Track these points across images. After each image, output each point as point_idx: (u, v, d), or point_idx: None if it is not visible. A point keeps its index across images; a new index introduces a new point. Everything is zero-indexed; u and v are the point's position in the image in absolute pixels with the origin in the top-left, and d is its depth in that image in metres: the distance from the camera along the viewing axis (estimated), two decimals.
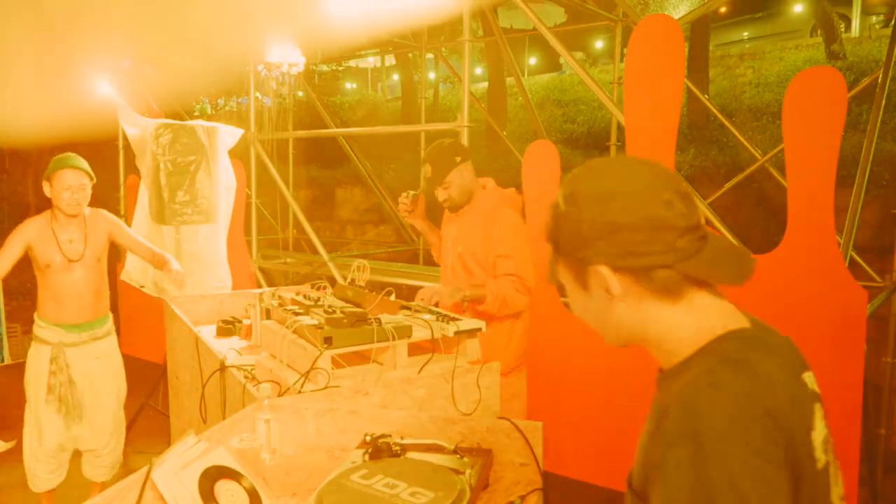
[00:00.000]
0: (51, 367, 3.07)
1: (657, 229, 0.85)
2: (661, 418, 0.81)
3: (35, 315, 3.16)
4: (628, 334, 0.93)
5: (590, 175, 0.91)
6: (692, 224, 0.87)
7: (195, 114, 14.64)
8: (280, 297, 2.62)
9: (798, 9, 13.18)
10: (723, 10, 11.77)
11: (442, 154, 2.71)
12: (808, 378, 0.90)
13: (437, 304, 2.48)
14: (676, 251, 0.85)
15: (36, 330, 3.14)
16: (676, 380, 0.85)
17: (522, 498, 1.40)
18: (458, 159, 2.69)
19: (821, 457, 0.85)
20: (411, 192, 2.86)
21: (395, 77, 17.49)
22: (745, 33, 13.95)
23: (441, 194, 2.73)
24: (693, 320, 0.88)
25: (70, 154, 3.12)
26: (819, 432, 0.86)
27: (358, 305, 2.29)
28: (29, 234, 3.05)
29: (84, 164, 3.09)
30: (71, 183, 3.02)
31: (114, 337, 3.32)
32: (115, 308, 4.54)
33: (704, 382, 0.79)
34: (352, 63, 17.51)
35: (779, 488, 0.75)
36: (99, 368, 3.21)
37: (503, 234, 2.64)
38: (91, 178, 3.10)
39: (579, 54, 15.13)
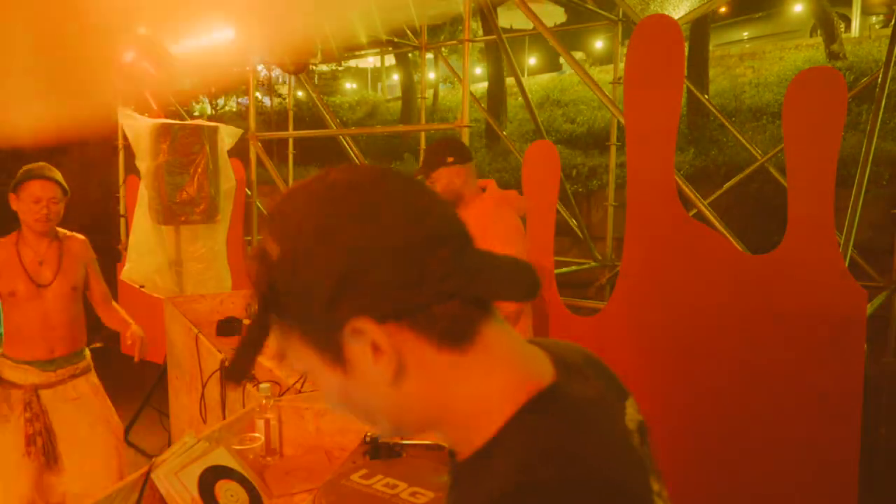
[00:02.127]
0: (26, 415, 2.61)
1: (429, 246, 0.60)
2: None
3: (0, 353, 2.72)
4: (418, 421, 0.66)
5: (301, 205, 0.63)
6: (463, 230, 0.64)
7: (195, 114, 14.65)
8: None
9: (798, 9, 13.18)
10: (723, 10, 11.78)
11: (435, 150, 2.67)
12: (629, 415, 0.71)
13: None
14: (459, 271, 0.60)
15: (2, 371, 2.68)
16: (476, 476, 0.61)
17: None
18: (451, 160, 2.62)
19: (658, 495, 0.67)
20: None
21: (395, 77, 17.49)
22: (745, 33, 13.95)
23: None
24: (494, 378, 0.63)
25: (41, 164, 2.73)
26: (653, 471, 0.68)
27: None
28: None
29: (57, 174, 2.71)
30: (40, 194, 2.62)
31: (93, 375, 2.87)
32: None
33: (528, 493, 0.56)
34: (352, 63, 17.52)
35: None
36: (79, 410, 2.73)
37: (499, 235, 2.55)
38: (65, 192, 2.71)
39: (579, 54, 15.13)
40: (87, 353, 2.87)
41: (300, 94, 12.21)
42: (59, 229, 2.80)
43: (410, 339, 0.61)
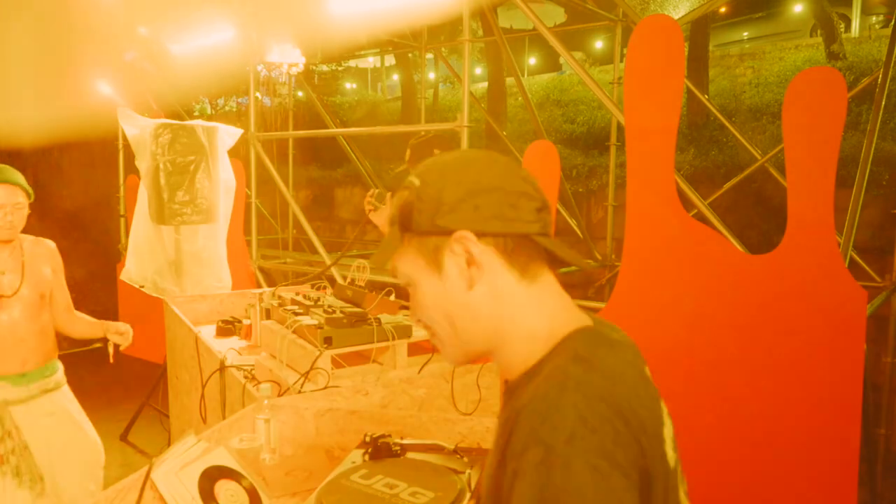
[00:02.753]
0: None
1: (522, 195, 0.82)
2: (512, 426, 0.75)
3: None
4: (481, 334, 0.85)
5: (441, 157, 0.88)
6: (547, 203, 0.85)
7: (195, 114, 14.65)
8: (280, 297, 2.62)
9: (798, 9, 13.18)
10: (723, 10, 11.77)
11: (423, 144, 2.69)
12: (649, 374, 0.87)
13: None
14: (539, 222, 0.83)
15: None
16: (526, 387, 0.78)
17: None
18: (437, 152, 2.66)
19: (671, 454, 0.80)
20: (376, 190, 2.81)
21: (395, 77, 17.49)
22: (745, 33, 13.95)
23: None
24: (546, 316, 0.83)
25: (3, 166, 2.59)
26: (668, 428, 0.82)
27: (358, 305, 2.29)
28: None
29: (20, 178, 2.58)
30: (3, 201, 2.48)
31: (67, 388, 2.76)
32: (114, 309, 4.54)
33: (554, 384, 0.74)
34: (352, 63, 17.51)
35: (623, 496, 0.68)
36: (55, 426, 2.62)
37: None
38: (28, 196, 2.58)
39: (579, 54, 15.13)
40: (60, 365, 2.76)
41: (300, 94, 12.21)
42: (23, 234, 2.67)
43: (494, 258, 0.82)
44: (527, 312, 0.83)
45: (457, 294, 0.83)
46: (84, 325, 2.80)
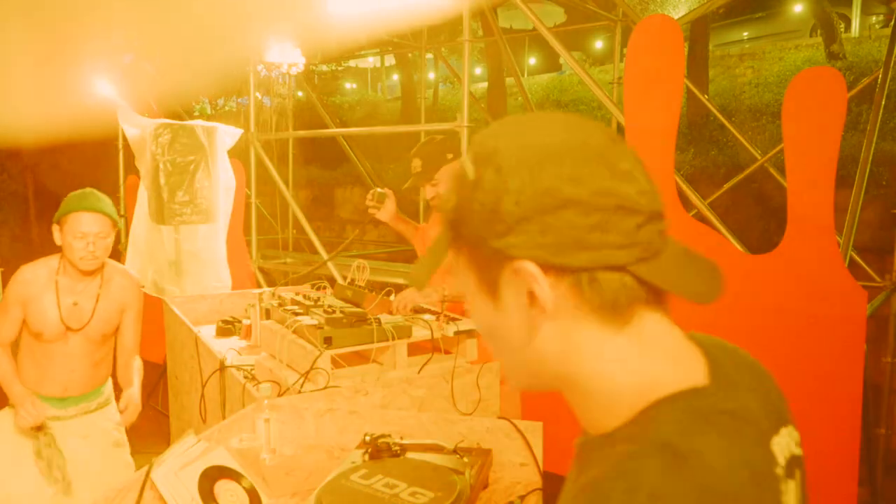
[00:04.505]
0: (34, 432, 2.41)
1: (616, 210, 0.57)
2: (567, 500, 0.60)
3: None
4: (549, 377, 0.64)
5: (513, 129, 0.62)
6: (656, 209, 0.60)
7: (195, 114, 14.64)
8: (280, 297, 2.62)
9: (798, 9, 13.18)
10: (722, 10, 11.77)
11: (433, 149, 2.63)
12: (780, 443, 0.64)
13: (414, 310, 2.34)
14: (637, 246, 0.58)
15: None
16: (596, 456, 0.60)
17: (522, 498, 1.40)
18: (450, 156, 2.60)
19: None
20: (378, 190, 2.78)
21: (395, 77, 17.49)
22: (745, 33, 13.95)
23: (429, 192, 2.63)
24: (641, 363, 0.61)
25: (89, 191, 2.41)
26: None
27: (358, 305, 2.29)
28: (27, 290, 2.37)
29: (106, 205, 2.39)
30: (87, 230, 2.30)
31: (112, 407, 2.60)
32: None
33: (622, 485, 0.54)
34: (352, 63, 17.51)
35: None
36: (88, 448, 2.50)
37: None
38: (115, 225, 2.39)
39: (579, 54, 15.14)
40: (107, 389, 2.62)
41: (300, 94, 12.21)
42: (107, 261, 2.50)
43: (566, 297, 0.59)
44: (607, 367, 0.61)
45: (517, 330, 0.62)
46: (126, 376, 2.56)
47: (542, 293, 0.59)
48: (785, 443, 0.64)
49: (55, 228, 2.36)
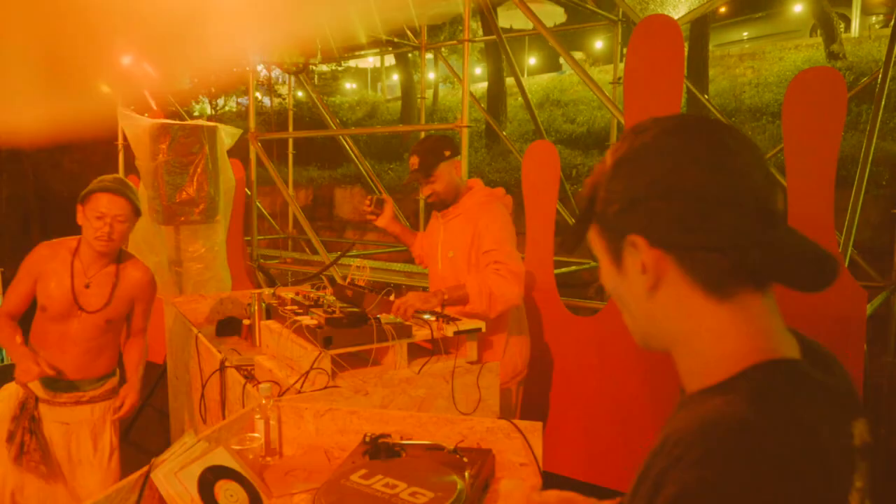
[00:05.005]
0: (14, 413, 2.39)
1: (721, 204, 0.67)
2: (675, 448, 0.66)
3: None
4: (660, 335, 0.76)
5: (644, 131, 0.74)
6: (766, 205, 0.69)
7: (195, 114, 14.65)
8: (280, 297, 2.62)
9: (798, 9, 13.19)
10: (723, 10, 11.77)
11: (431, 147, 2.62)
12: (859, 429, 0.71)
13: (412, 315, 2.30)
14: (739, 234, 0.67)
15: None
16: (700, 408, 0.68)
17: None
18: (448, 154, 2.59)
19: None
20: (375, 196, 2.77)
21: (395, 77, 17.49)
22: (745, 33, 13.96)
23: (426, 189, 2.62)
24: (740, 333, 0.70)
25: (118, 177, 2.46)
26: (859, 490, 0.69)
27: (358, 305, 2.29)
28: (42, 265, 2.40)
29: (130, 192, 2.41)
30: (105, 210, 2.33)
31: (106, 405, 2.53)
32: None
33: (729, 426, 0.63)
34: (352, 63, 17.52)
35: None
36: (66, 437, 2.45)
37: (489, 230, 2.54)
38: (136, 212, 2.42)
39: (579, 54, 15.13)
40: (109, 381, 2.56)
41: (300, 94, 12.21)
42: (125, 250, 2.54)
43: (672, 270, 0.71)
44: (711, 333, 0.71)
45: (634, 293, 0.75)
46: (132, 362, 2.60)
47: (648, 263, 0.71)
48: (860, 430, 0.71)
49: (79, 208, 2.39)
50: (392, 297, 2.30)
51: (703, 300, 0.71)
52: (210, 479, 1.38)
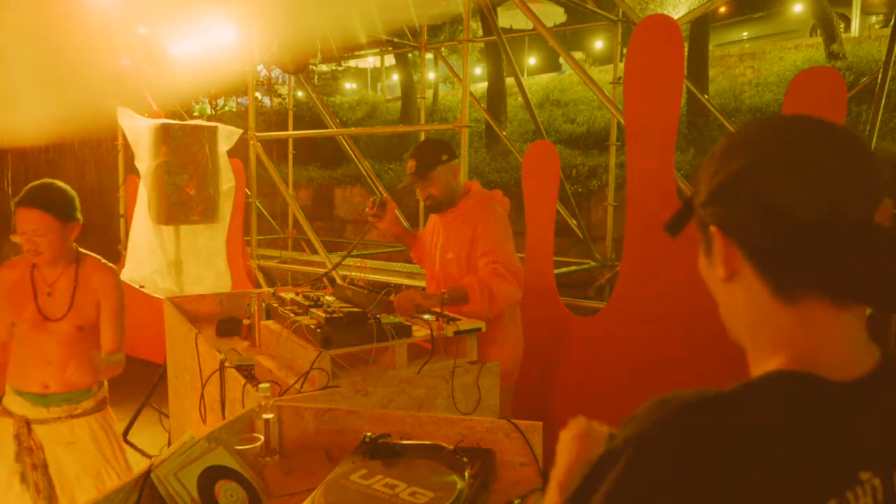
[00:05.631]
0: (14, 447, 2.36)
1: (788, 208, 0.66)
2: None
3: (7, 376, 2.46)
4: (734, 327, 0.77)
5: (743, 127, 0.75)
6: (850, 217, 0.65)
7: (195, 114, 14.65)
8: (280, 297, 2.62)
9: (798, 9, 13.19)
10: (722, 10, 11.78)
11: (428, 150, 2.65)
12: (867, 485, 0.64)
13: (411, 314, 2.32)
14: (802, 242, 0.66)
15: (5, 398, 2.45)
16: None
17: (522, 498, 1.40)
18: (445, 157, 2.62)
19: None
20: (377, 198, 2.79)
21: (395, 77, 17.50)
22: (745, 33, 13.95)
23: (423, 192, 2.66)
24: (794, 340, 0.69)
25: (39, 184, 2.31)
26: None
27: (358, 305, 2.29)
28: (6, 284, 2.38)
29: (50, 199, 2.29)
30: (21, 227, 2.26)
31: (102, 416, 2.50)
32: None
33: (675, 400, 0.64)
34: (352, 63, 17.51)
35: None
36: (74, 455, 2.42)
37: (487, 229, 2.56)
38: (62, 218, 2.30)
39: (579, 54, 15.14)
40: (95, 393, 2.49)
41: (300, 94, 12.21)
42: (82, 251, 2.46)
43: (744, 265, 0.72)
44: (770, 335, 0.71)
45: (717, 283, 0.76)
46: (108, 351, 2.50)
47: (720, 252, 0.73)
48: (871, 487, 0.64)
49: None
50: (392, 297, 2.31)
51: (770, 299, 0.70)
52: (210, 478, 1.38)
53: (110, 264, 2.49)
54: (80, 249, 2.47)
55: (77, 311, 2.38)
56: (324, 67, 15.33)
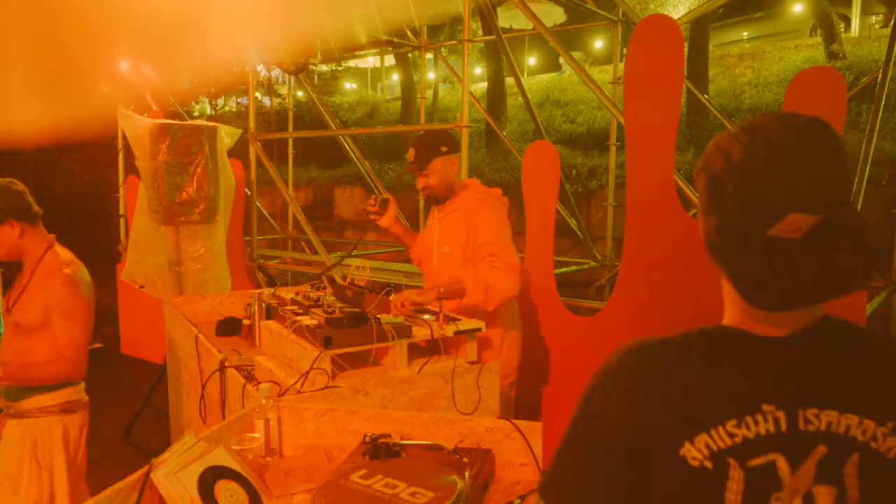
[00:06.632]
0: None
1: (721, 194, 0.80)
2: None
3: None
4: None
5: (761, 123, 0.81)
6: (772, 210, 0.75)
7: (195, 114, 14.65)
8: (280, 297, 2.62)
9: (798, 9, 13.18)
10: (722, 10, 11.77)
11: (429, 141, 2.64)
12: (776, 413, 0.78)
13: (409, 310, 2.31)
14: (718, 229, 0.82)
15: None
16: None
17: (522, 498, 1.40)
18: (444, 149, 2.62)
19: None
20: (380, 196, 2.78)
21: (395, 77, 17.49)
22: (745, 33, 13.95)
23: (420, 182, 2.65)
24: (732, 300, 0.86)
25: None
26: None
27: (358, 305, 2.29)
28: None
29: None
30: None
31: (48, 424, 2.32)
32: (115, 309, 4.52)
33: (627, 344, 0.88)
34: (352, 63, 17.51)
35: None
36: (38, 450, 2.31)
37: (485, 224, 2.56)
38: (11, 221, 2.29)
39: (579, 54, 15.13)
40: (43, 399, 2.31)
41: (300, 94, 12.21)
42: (55, 252, 2.39)
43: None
44: (727, 297, 0.88)
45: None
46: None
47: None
48: (781, 415, 0.79)
49: None
50: (392, 297, 2.31)
51: (741, 305, 0.85)
52: (210, 479, 1.38)
53: (67, 269, 2.34)
54: (56, 249, 2.39)
55: (19, 308, 2.32)
56: (324, 67, 15.33)
